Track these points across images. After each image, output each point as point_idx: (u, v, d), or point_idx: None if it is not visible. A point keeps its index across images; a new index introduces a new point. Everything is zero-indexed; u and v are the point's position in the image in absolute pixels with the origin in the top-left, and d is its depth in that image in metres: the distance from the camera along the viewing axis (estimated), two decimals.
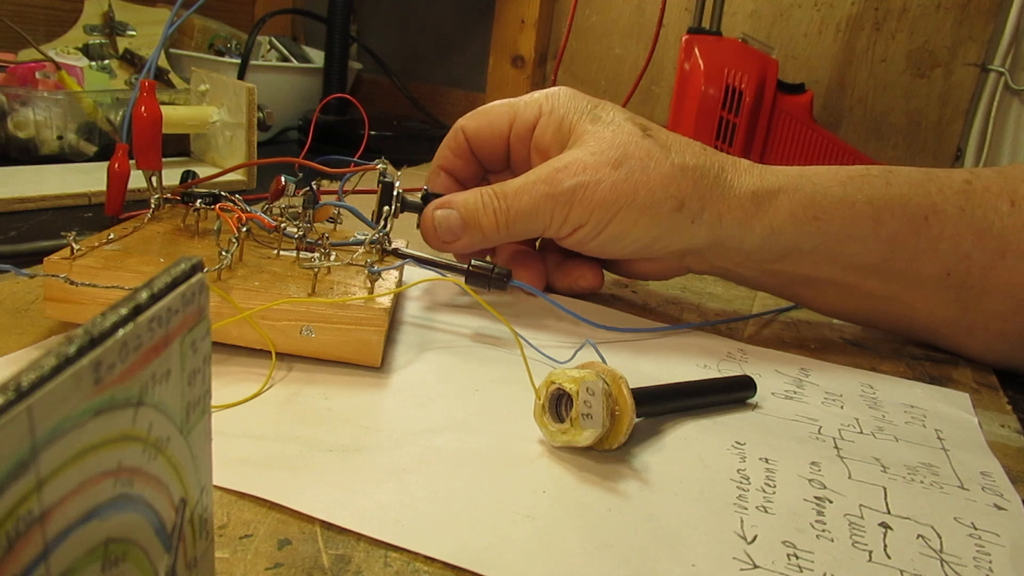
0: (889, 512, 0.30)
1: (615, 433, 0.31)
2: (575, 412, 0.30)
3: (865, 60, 0.95)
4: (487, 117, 0.48)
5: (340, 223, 0.49)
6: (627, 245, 0.45)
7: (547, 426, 0.31)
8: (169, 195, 0.45)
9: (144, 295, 0.14)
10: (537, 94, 0.47)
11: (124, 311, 0.14)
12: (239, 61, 0.92)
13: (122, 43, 0.89)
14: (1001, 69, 0.90)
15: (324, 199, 0.46)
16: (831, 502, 0.31)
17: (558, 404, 0.31)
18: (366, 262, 0.40)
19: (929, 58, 0.92)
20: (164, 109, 0.47)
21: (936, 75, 0.93)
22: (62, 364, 0.12)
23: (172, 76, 0.92)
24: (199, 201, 0.43)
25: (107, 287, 0.35)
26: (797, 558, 0.27)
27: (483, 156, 0.50)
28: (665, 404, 0.36)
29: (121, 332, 0.13)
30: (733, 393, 0.39)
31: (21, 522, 0.11)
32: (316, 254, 0.40)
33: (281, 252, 0.42)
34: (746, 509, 0.29)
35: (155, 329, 0.15)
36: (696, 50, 0.78)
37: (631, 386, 0.32)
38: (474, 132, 0.49)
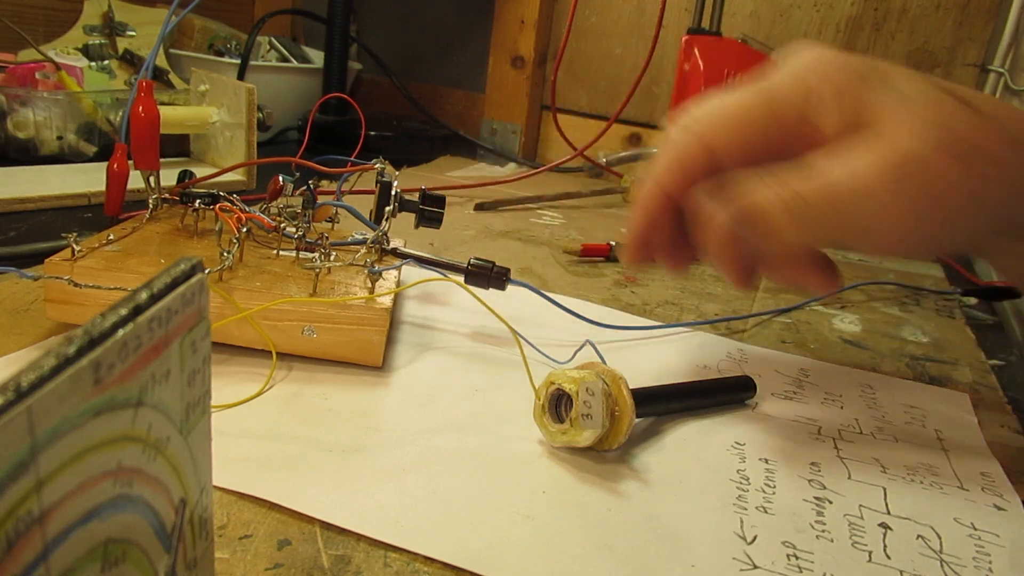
0: (889, 512, 0.30)
1: (615, 433, 0.31)
2: (575, 412, 0.30)
3: None
4: (736, 119, 0.34)
5: (338, 222, 0.49)
6: (949, 248, 0.34)
7: (547, 426, 0.31)
8: (167, 195, 0.45)
9: (144, 295, 0.14)
10: (789, 69, 0.34)
11: (124, 311, 0.14)
12: (239, 61, 0.92)
13: (122, 43, 0.89)
14: (1001, 70, 0.90)
15: (322, 199, 0.46)
16: (831, 502, 0.31)
17: (558, 404, 0.31)
18: (366, 262, 0.40)
19: (929, 59, 0.92)
20: (164, 109, 0.47)
21: (936, 76, 0.93)
22: (62, 364, 0.12)
23: (172, 76, 0.92)
24: (198, 201, 0.43)
25: (111, 289, 0.35)
26: (797, 558, 0.27)
27: (731, 165, 0.34)
28: (665, 404, 0.36)
29: (121, 332, 0.13)
30: (733, 393, 0.39)
31: (21, 522, 0.11)
32: (316, 254, 0.40)
33: (281, 252, 0.42)
34: (746, 509, 0.29)
35: (155, 329, 0.15)
36: (696, 50, 0.78)
37: (631, 386, 0.32)
38: (726, 142, 0.34)
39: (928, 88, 0.33)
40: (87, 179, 0.63)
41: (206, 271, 0.35)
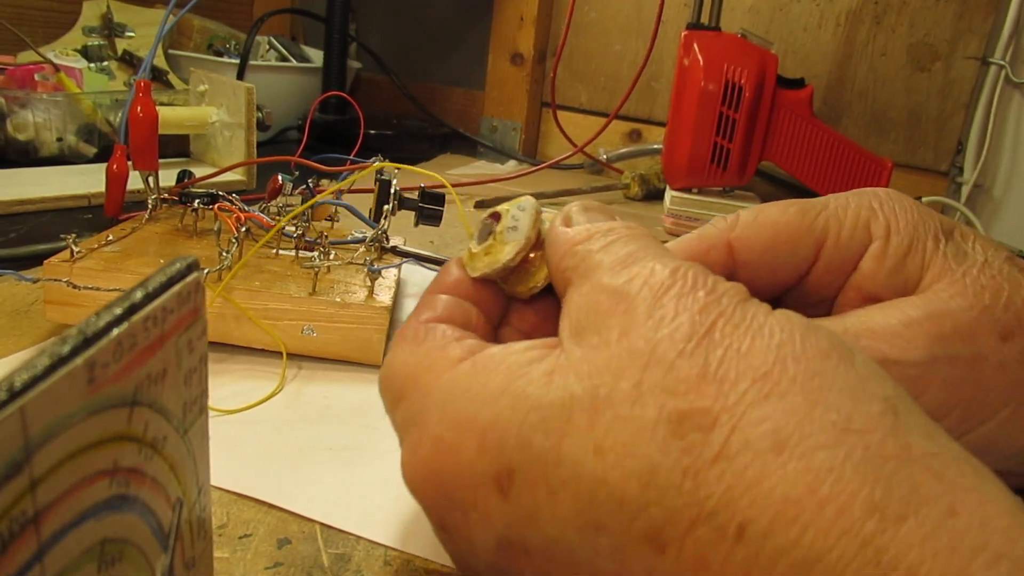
0: None
1: (539, 267, 0.26)
2: (501, 226, 0.26)
3: (865, 54, 0.95)
4: (769, 228, 0.28)
5: (338, 221, 0.49)
6: (1000, 455, 0.28)
7: (471, 251, 0.27)
8: (166, 195, 0.45)
9: (139, 294, 0.14)
10: (857, 202, 0.28)
11: (118, 310, 0.14)
12: (238, 61, 0.92)
13: (121, 44, 0.89)
14: (1002, 62, 0.90)
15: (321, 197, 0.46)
16: None
17: (490, 236, 0.27)
18: (365, 260, 0.40)
19: (929, 51, 0.92)
20: (163, 110, 0.47)
21: (936, 68, 0.92)
22: (55, 364, 0.12)
23: (171, 77, 0.92)
24: (197, 201, 0.43)
25: (109, 290, 0.35)
26: None
27: (751, 274, 0.28)
28: None
29: (115, 331, 0.13)
30: None
31: (15, 523, 0.11)
32: (315, 253, 0.40)
33: (280, 251, 0.42)
34: None
35: (150, 328, 0.15)
36: (695, 46, 0.78)
37: None
38: (752, 255, 0.28)
39: (1001, 262, 0.28)
40: (87, 180, 0.63)
41: (205, 271, 0.36)
